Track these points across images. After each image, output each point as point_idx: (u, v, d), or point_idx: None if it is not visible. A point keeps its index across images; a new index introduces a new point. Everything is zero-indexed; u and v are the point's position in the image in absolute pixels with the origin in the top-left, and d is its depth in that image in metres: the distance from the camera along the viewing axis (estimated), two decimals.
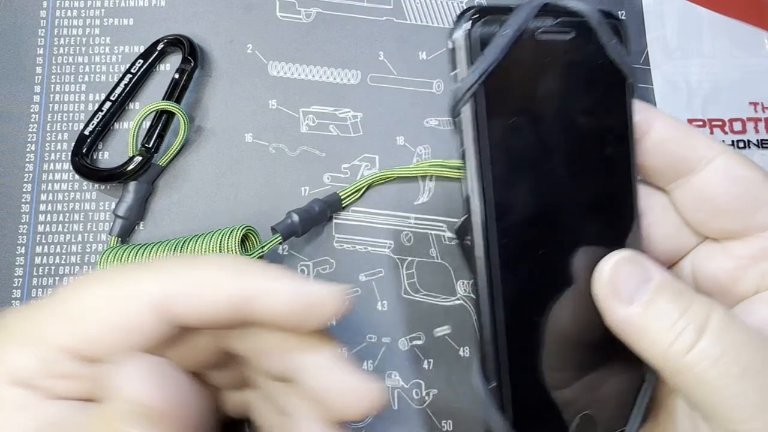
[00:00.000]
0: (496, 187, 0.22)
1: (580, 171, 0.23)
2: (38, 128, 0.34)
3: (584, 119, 0.23)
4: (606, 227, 0.23)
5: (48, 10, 0.36)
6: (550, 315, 0.22)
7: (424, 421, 0.31)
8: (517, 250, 0.22)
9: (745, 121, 0.35)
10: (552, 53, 0.22)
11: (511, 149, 0.22)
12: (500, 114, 0.21)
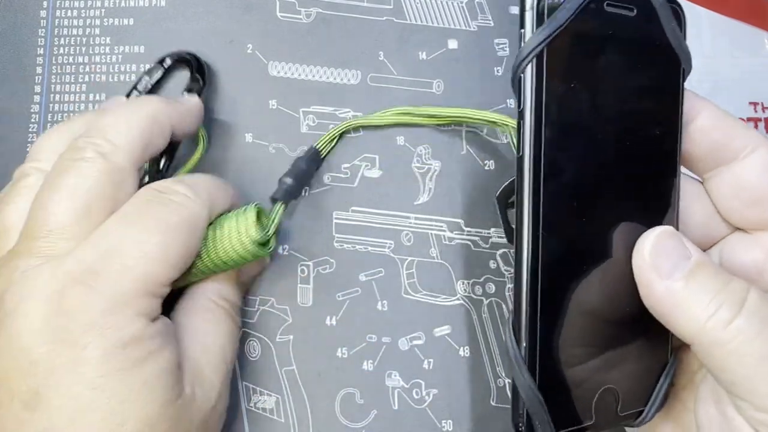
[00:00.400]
0: (548, 149, 0.22)
1: (630, 146, 0.23)
2: (38, 128, 0.34)
3: (638, 96, 0.24)
4: (647, 205, 0.24)
5: (48, 10, 0.36)
6: (585, 286, 0.23)
7: (424, 421, 0.31)
8: (560, 216, 0.22)
9: (745, 121, 0.35)
10: (616, 27, 0.23)
11: (566, 114, 0.22)
12: (560, 78, 0.22)
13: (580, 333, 0.23)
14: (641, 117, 0.24)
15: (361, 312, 0.33)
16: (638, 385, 0.24)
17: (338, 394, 0.32)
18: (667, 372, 0.25)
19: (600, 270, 0.23)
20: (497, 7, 0.36)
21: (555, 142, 0.22)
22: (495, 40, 0.36)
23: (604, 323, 0.23)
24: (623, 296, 0.23)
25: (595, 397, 0.23)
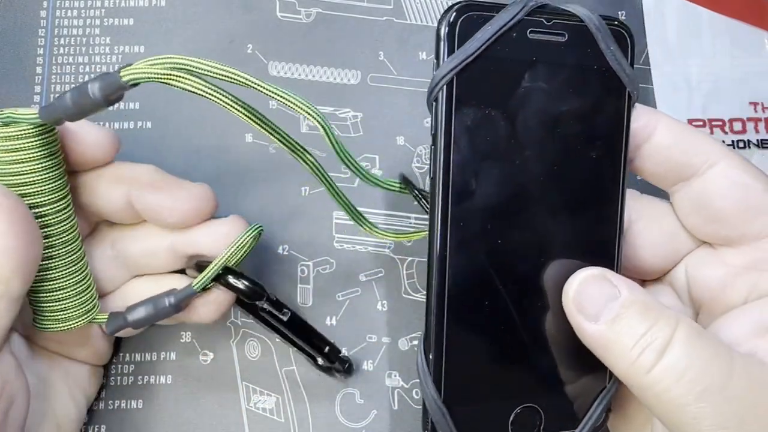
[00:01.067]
0: (457, 174, 0.22)
1: (560, 173, 0.23)
2: None
3: (572, 123, 0.23)
4: (581, 230, 0.23)
5: (48, 10, 0.36)
6: (501, 308, 0.23)
7: None
8: (470, 238, 0.22)
9: (745, 121, 0.35)
10: (541, 53, 0.22)
11: (480, 141, 0.22)
12: (473, 105, 0.22)
13: (492, 351, 0.23)
14: (575, 144, 0.23)
15: (361, 312, 0.33)
16: (568, 407, 0.24)
17: (338, 394, 0.32)
18: (603, 397, 0.24)
19: (518, 293, 0.23)
20: None
21: (466, 168, 0.22)
22: None
23: (522, 343, 0.23)
24: (546, 322, 0.23)
25: (512, 414, 0.23)
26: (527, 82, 0.22)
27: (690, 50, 0.36)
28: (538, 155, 0.23)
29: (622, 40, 0.23)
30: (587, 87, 0.23)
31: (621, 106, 0.24)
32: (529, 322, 0.23)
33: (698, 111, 0.36)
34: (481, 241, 0.23)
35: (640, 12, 0.37)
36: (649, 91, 0.36)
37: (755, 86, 0.36)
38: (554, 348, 0.24)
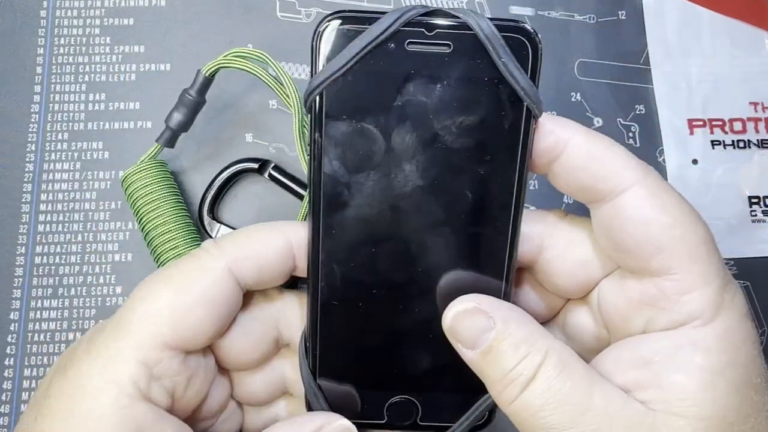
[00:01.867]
0: (329, 184, 0.22)
1: (442, 189, 0.23)
2: (38, 128, 0.34)
3: (457, 138, 0.22)
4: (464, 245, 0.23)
5: (48, 10, 0.36)
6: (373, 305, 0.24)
7: None
8: (343, 245, 0.23)
9: (745, 121, 0.35)
10: (421, 66, 0.22)
11: (353, 154, 0.22)
12: (346, 118, 0.22)
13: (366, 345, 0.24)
14: (461, 160, 0.22)
15: None
16: (447, 402, 0.25)
17: None
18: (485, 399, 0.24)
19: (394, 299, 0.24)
20: (497, 7, 0.36)
21: (338, 179, 0.22)
22: None
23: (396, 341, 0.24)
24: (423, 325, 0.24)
25: (387, 402, 0.24)
26: (406, 96, 0.22)
27: (690, 50, 0.36)
28: (417, 170, 0.22)
29: (521, 49, 0.21)
30: (475, 101, 0.22)
31: (517, 121, 0.22)
32: (403, 324, 0.24)
33: (698, 111, 0.36)
34: (353, 250, 0.23)
35: (641, 12, 0.37)
36: (650, 91, 0.36)
37: (755, 86, 0.36)
38: (429, 349, 0.24)
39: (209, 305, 0.22)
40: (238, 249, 0.23)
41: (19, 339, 0.32)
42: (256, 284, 0.24)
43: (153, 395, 0.22)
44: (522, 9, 0.36)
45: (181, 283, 0.23)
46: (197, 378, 0.23)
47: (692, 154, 0.35)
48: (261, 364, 0.26)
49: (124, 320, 0.22)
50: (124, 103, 0.35)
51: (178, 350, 0.22)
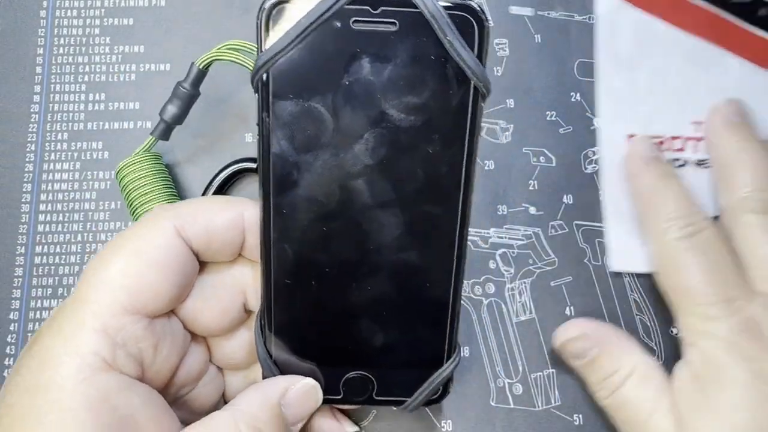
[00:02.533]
0: (278, 164, 0.23)
1: (389, 167, 0.23)
2: (38, 128, 0.34)
3: (402, 117, 0.22)
4: (413, 221, 0.24)
5: (48, 10, 0.36)
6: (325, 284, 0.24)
7: (424, 421, 0.31)
8: (294, 223, 0.23)
9: (685, 140, 0.34)
10: (366, 44, 0.22)
11: (300, 133, 0.22)
12: (292, 98, 0.22)
13: (318, 323, 0.25)
14: (406, 139, 0.23)
15: None
16: (402, 377, 0.26)
17: None
18: (439, 374, 0.26)
19: (345, 276, 0.24)
20: (497, 7, 0.36)
21: (283, 157, 0.23)
22: (495, 40, 0.36)
23: (349, 318, 0.25)
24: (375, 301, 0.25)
25: (343, 378, 0.25)
26: (353, 75, 0.22)
27: (641, 63, 0.35)
28: (365, 150, 0.23)
29: (467, 27, 0.22)
30: (422, 79, 0.22)
31: (464, 99, 0.22)
32: (356, 301, 0.25)
33: (640, 126, 0.34)
34: (304, 229, 0.24)
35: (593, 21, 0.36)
36: (592, 104, 0.35)
37: (701, 104, 0.34)
38: (383, 325, 0.25)
39: (161, 266, 0.23)
40: (186, 212, 0.24)
41: (19, 339, 0.32)
42: (205, 250, 0.24)
43: (119, 363, 0.22)
44: (522, 9, 0.36)
45: (131, 248, 0.23)
46: (165, 343, 0.23)
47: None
48: (233, 329, 0.26)
49: (81, 293, 0.22)
50: (124, 103, 0.35)
51: (138, 315, 0.22)
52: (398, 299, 0.25)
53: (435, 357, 0.26)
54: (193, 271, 0.24)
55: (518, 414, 0.31)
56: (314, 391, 0.25)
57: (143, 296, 0.22)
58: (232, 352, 0.27)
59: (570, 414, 0.31)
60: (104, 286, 0.22)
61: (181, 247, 0.23)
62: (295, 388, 0.24)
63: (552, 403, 0.31)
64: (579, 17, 0.36)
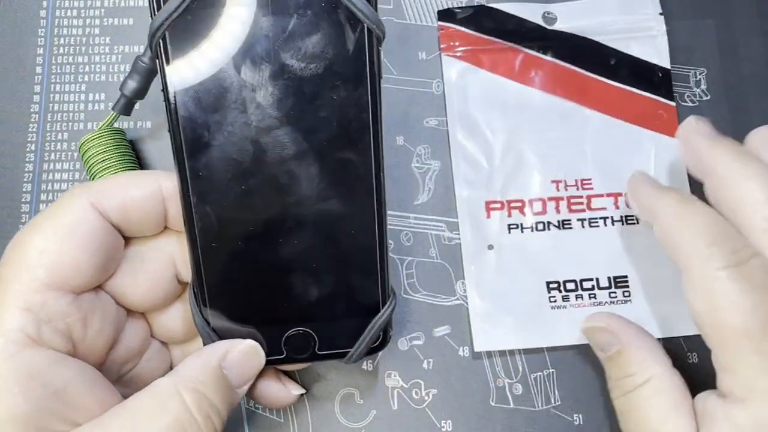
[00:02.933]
0: (186, 126, 0.23)
1: (297, 118, 0.23)
2: (38, 128, 0.34)
3: (302, 67, 0.23)
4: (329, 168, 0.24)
5: (48, 10, 0.36)
6: (253, 241, 0.24)
7: (423, 421, 0.31)
8: (212, 184, 0.23)
9: (545, 201, 0.33)
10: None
11: (205, 92, 0.23)
12: (192, 59, 0.22)
13: (250, 283, 0.25)
14: (309, 89, 0.23)
15: None
16: (342, 329, 0.26)
17: (338, 394, 0.32)
18: (377, 320, 0.26)
19: (272, 232, 0.24)
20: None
21: (195, 120, 0.23)
22: None
23: (281, 275, 0.25)
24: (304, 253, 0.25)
25: (284, 337, 0.25)
26: (246, 29, 0.22)
27: (494, 126, 0.34)
28: (271, 103, 0.23)
29: None
30: (317, 27, 0.23)
31: (361, 43, 0.23)
32: (286, 257, 0.25)
33: (498, 192, 0.33)
34: (223, 190, 0.24)
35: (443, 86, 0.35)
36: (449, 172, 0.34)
37: (559, 163, 0.34)
38: (315, 279, 0.25)
39: (78, 240, 0.23)
40: (102, 187, 0.24)
41: None
42: (126, 224, 0.24)
43: (45, 339, 0.22)
44: None
45: (47, 225, 0.23)
46: (95, 318, 0.23)
47: (488, 239, 0.33)
48: (168, 302, 0.26)
49: (0, 274, 0.22)
50: None
51: (61, 291, 0.22)
52: (326, 250, 0.25)
53: (371, 304, 0.26)
54: (116, 246, 0.24)
55: (518, 414, 0.31)
56: (255, 351, 0.25)
57: (63, 271, 0.22)
58: (172, 325, 0.27)
59: (570, 414, 0.31)
60: (23, 264, 0.22)
61: (98, 220, 0.23)
62: (235, 350, 0.24)
63: (552, 403, 0.31)
64: None
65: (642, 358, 0.27)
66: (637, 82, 0.35)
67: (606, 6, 0.35)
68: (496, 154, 0.34)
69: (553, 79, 0.35)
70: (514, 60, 0.35)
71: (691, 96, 0.35)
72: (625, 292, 0.32)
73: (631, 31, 0.35)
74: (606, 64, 0.35)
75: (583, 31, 0.35)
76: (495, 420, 0.31)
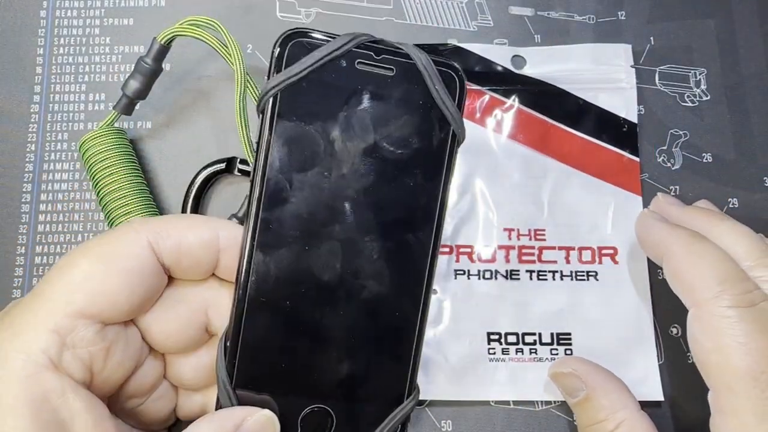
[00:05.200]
0: (271, 181, 0.24)
1: (375, 196, 0.25)
2: (38, 128, 0.34)
3: (390, 151, 0.25)
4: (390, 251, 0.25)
5: (48, 10, 0.36)
6: (298, 307, 0.24)
7: (424, 421, 0.31)
8: (278, 240, 0.24)
9: (496, 249, 0.32)
10: (367, 84, 0.25)
11: (297, 154, 0.24)
12: (295, 121, 0.24)
13: (285, 349, 0.24)
14: (392, 172, 0.25)
15: None
16: (362, 415, 0.25)
17: None
18: (398, 411, 0.25)
19: (318, 301, 0.24)
20: (497, 8, 0.36)
21: (281, 176, 0.24)
22: (495, 40, 0.36)
23: (316, 347, 0.24)
24: (344, 332, 0.25)
25: (302, 412, 0.25)
26: (350, 108, 0.24)
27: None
28: (354, 176, 0.25)
29: (451, 81, 0.25)
30: (410, 120, 0.25)
31: (444, 141, 0.25)
32: (327, 329, 0.25)
33: (446, 237, 0.32)
34: (288, 246, 0.24)
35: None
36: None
37: (515, 211, 0.33)
38: (349, 357, 0.25)
39: (125, 275, 0.23)
40: (161, 226, 0.24)
41: None
42: (176, 267, 0.24)
43: (65, 365, 0.22)
44: (522, 9, 0.36)
45: (99, 253, 0.23)
46: (117, 351, 0.23)
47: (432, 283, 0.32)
48: (191, 348, 0.26)
49: (39, 290, 0.22)
50: None
51: (93, 320, 0.22)
52: (367, 328, 0.25)
53: (396, 394, 0.25)
54: (160, 285, 0.24)
55: (518, 414, 0.31)
56: (271, 424, 0.24)
57: (101, 301, 0.22)
58: (187, 371, 0.26)
59: (570, 414, 0.31)
60: (64, 286, 0.22)
61: (151, 259, 0.23)
62: (251, 419, 0.23)
63: (552, 403, 0.31)
64: (579, 17, 0.36)
65: (610, 403, 0.27)
66: (601, 134, 0.34)
67: (577, 54, 0.35)
68: (451, 198, 0.32)
69: (516, 125, 0.34)
70: (477, 102, 0.34)
71: (691, 96, 0.35)
72: (567, 350, 0.31)
73: (601, 81, 0.34)
74: (571, 113, 0.34)
75: (551, 78, 0.34)
76: (495, 420, 0.31)
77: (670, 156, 0.35)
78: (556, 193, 0.33)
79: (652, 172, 0.34)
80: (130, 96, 0.31)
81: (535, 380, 0.31)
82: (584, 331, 0.32)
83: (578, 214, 0.33)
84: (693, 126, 0.35)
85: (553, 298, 0.32)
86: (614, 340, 0.31)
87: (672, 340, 0.32)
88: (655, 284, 0.32)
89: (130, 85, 0.31)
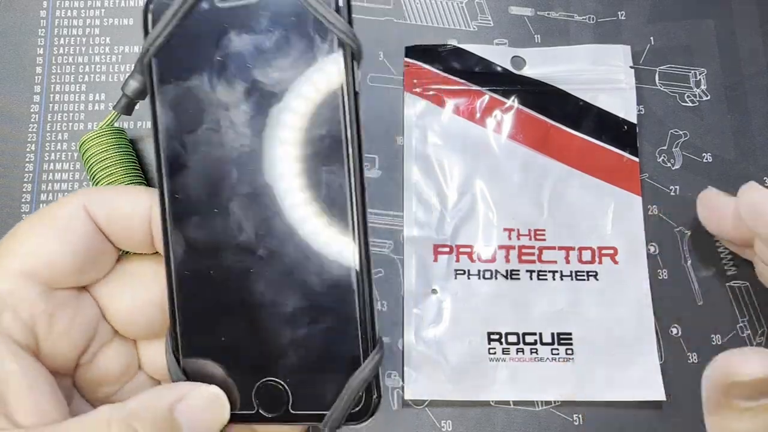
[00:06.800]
0: (167, 149, 0.23)
1: (276, 140, 0.23)
2: (38, 128, 0.34)
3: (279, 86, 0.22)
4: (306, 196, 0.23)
5: (48, 10, 0.36)
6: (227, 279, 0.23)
7: (424, 421, 0.31)
8: (187, 205, 0.23)
9: (496, 249, 0.32)
10: (232, 20, 0.22)
11: (186, 114, 0.23)
12: (174, 81, 0.23)
13: (224, 325, 0.23)
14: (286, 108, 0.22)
15: None
16: (319, 388, 0.23)
17: None
18: (361, 371, 0.22)
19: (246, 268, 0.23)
20: (497, 8, 0.36)
21: (175, 141, 0.23)
22: (495, 40, 0.36)
23: (256, 320, 0.23)
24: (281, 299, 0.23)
25: (254, 388, 0.23)
26: (222, 51, 0.23)
27: (451, 168, 0.33)
28: (245, 123, 0.23)
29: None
30: (289, 45, 0.22)
31: (335, 59, 0.22)
32: (256, 294, 0.23)
33: (447, 236, 0.32)
34: (198, 212, 0.23)
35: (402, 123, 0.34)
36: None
37: (515, 211, 0.33)
38: (287, 322, 0.23)
39: (59, 235, 0.23)
40: (98, 193, 0.24)
41: None
42: (113, 235, 0.24)
43: (4, 325, 0.21)
44: (522, 9, 0.36)
45: (38, 216, 0.23)
46: (64, 317, 0.23)
47: (431, 282, 0.32)
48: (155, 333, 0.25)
49: None
50: None
51: (32, 281, 0.22)
52: (298, 288, 0.22)
53: (349, 356, 0.22)
54: (101, 251, 0.24)
55: (518, 414, 0.31)
56: (217, 400, 0.22)
57: (39, 262, 0.22)
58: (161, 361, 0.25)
59: (570, 414, 0.31)
60: (4, 249, 0.22)
61: (87, 222, 0.23)
62: (193, 393, 0.22)
63: (552, 403, 0.31)
64: (579, 17, 0.36)
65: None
66: (601, 134, 0.34)
67: (577, 54, 0.35)
68: (450, 197, 0.33)
69: (516, 125, 0.34)
70: (477, 103, 0.34)
71: (691, 96, 0.35)
72: (567, 350, 0.31)
73: (600, 82, 0.34)
74: (571, 114, 0.34)
75: (550, 79, 0.34)
76: (495, 420, 0.31)
77: (670, 156, 0.35)
78: (556, 194, 0.33)
79: (652, 172, 0.34)
80: (130, 96, 0.31)
81: (536, 380, 0.31)
82: (584, 331, 0.32)
83: (578, 214, 0.33)
84: (693, 126, 0.35)
85: (553, 298, 0.32)
86: (614, 339, 0.31)
87: (672, 340, 0.32)
88: (655, 284, 0.32)
89: (130, 85, 0.31)
